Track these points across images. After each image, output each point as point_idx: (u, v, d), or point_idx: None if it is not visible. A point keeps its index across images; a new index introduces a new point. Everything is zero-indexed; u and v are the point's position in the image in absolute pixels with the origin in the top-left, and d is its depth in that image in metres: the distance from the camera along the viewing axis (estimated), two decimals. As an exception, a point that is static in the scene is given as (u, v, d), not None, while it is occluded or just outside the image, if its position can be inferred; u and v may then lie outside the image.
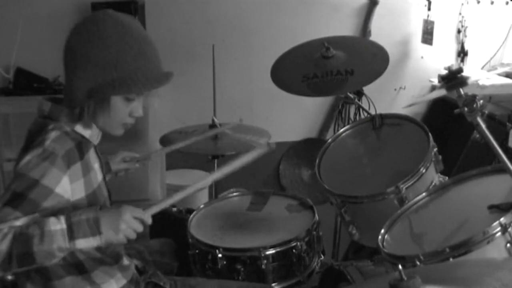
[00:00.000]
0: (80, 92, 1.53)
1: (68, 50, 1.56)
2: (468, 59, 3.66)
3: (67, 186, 1.51)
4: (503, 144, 2.52)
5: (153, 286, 1.79)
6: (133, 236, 1.47)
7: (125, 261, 1.75)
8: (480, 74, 3.48)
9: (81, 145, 1.56)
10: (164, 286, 1.79)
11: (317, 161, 2.29)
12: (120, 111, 1.59)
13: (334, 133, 2.95)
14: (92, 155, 1.61)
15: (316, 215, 2.20)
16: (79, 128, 1.59)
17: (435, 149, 2.08)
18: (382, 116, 2.33)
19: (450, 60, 3.65)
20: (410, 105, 3.26)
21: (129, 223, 1.45)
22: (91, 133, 1.62)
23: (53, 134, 1.51)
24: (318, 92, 2.44)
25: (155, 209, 1.54)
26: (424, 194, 1.92)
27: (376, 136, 2.33)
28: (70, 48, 1.55)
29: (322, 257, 2.22)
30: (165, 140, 2.64)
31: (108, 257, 1.67)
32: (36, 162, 1.46)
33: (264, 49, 3.35)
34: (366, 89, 3.40)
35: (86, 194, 1.56)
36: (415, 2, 3.56)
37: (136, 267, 1.83)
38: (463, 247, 1.49)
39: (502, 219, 1.49)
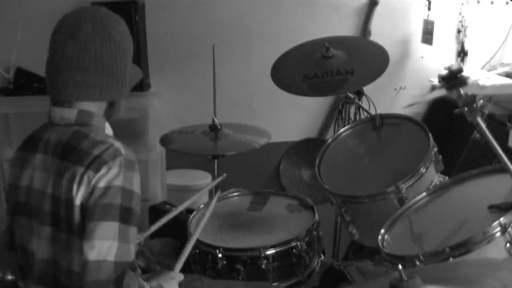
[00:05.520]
0: (130, 75, 1.57)
1: (102, 53, 1.52)
2: (468, 59, 3.65)
3: None
4: (503, 144, 2.52)
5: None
6: None
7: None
8: (480, 74, 3.47)
9: None
10: None
11: (317, 161, 2.29)
12: None
13: (334, 133, 2.94)
14: None
15: (316, 215, 2.20)
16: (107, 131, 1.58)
17: (435, 149, 2.08)
18: (382, 116, 2.33)
19: (450, 60, 3.64)
20: (410, 105, 3.25)
21: None
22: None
23: (117, 143, 1.49)
24: (318, 92, 2.44)
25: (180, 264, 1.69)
26: (424, 194, 1.92)
27: (376, 136, 2.33)
28: (97, 50, 1.52)
29: (322, 257, 2.22)
30: (165, 140, 2.64)
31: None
32: (126, 173, 1.46)
33: (264, 49, 3.34)
34: (366, 89, 3.39)
35: None
36: (415, 2, 3.55)
37: (139, 266, 1.83)
38: (463, 247, 1.49)
39: (502, 219, 1.49)
